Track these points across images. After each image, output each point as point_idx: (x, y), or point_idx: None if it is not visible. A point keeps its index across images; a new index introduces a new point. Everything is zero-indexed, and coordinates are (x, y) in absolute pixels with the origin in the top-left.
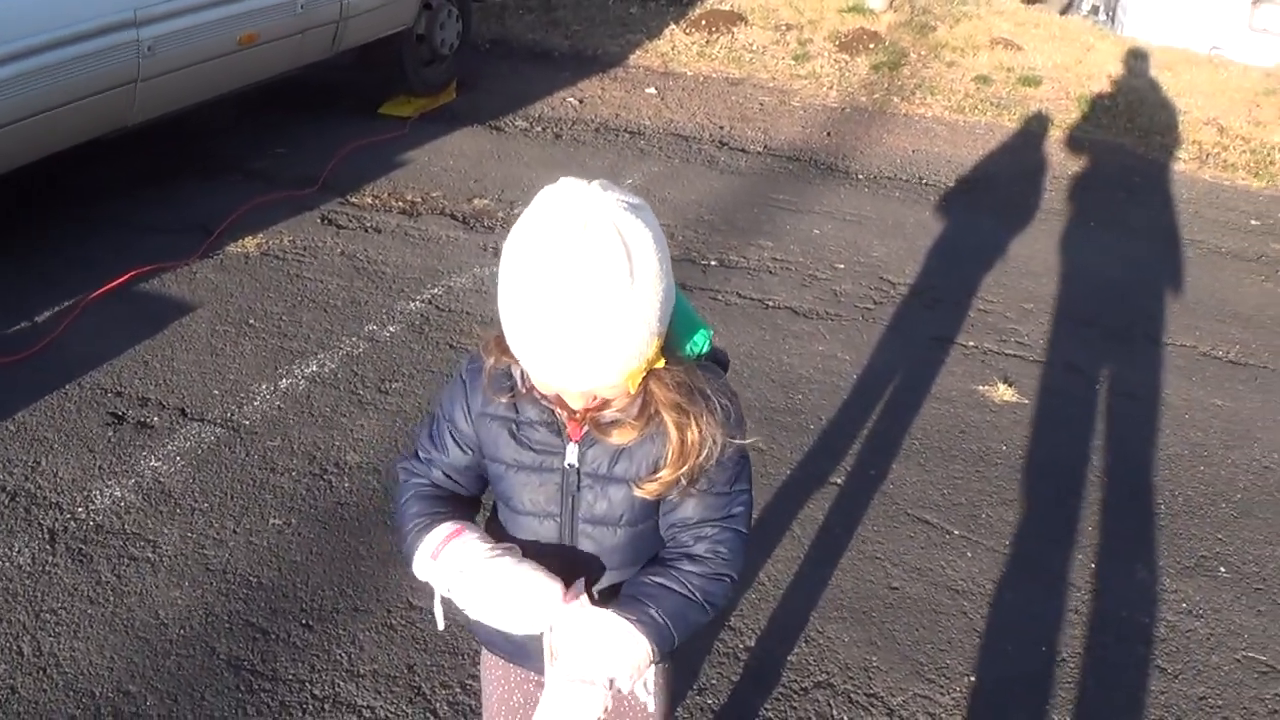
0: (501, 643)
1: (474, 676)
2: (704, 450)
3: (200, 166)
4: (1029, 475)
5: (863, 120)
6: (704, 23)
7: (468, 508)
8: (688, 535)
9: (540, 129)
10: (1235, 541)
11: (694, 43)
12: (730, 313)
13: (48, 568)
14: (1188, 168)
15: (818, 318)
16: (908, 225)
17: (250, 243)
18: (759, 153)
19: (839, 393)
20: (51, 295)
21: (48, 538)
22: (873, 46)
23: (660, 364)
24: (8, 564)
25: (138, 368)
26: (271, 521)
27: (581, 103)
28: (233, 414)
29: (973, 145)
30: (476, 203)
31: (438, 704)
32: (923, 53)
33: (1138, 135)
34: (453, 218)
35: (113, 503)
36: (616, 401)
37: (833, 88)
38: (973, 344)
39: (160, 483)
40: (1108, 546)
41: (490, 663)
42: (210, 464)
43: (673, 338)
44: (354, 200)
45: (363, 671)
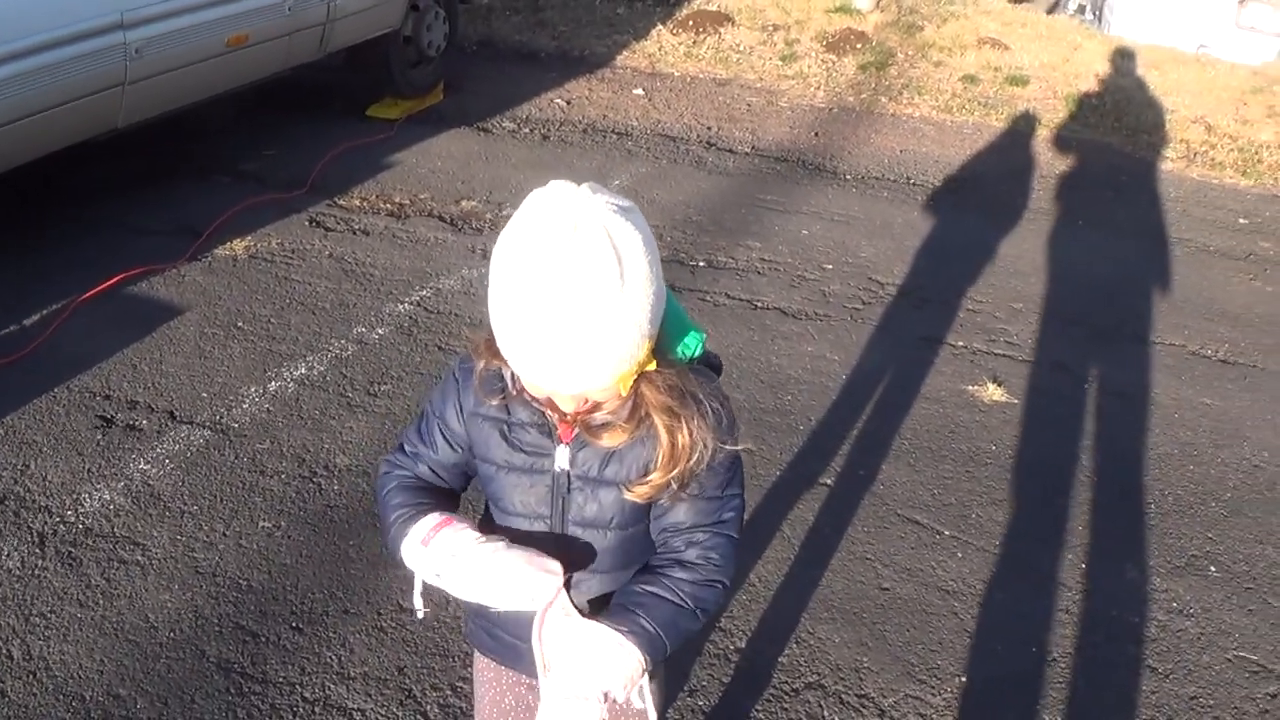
0: (494, 645)
1: (464, 679)
2: (694, 454)
3: (188, 169)
4: (1019, 475)
5: (850, 120)
6: (691, 23)
7: (450, 501)
8: (679, 540)
9: (528, 130)
10: (1225, 540)
11: (681, 43)
12: (719, 314)
13: (37, 571)
14: (1175, 166)
15: (806, 318)
16: (896, 225)
17: (238, 245)
18: (747, 153)
19: (828, 393)
20: (40, 298)
21: (37, 541)
22: (860, 47)
23: (651, 367)
24: None
25: (126, 371)
26: (261, 524)
27: (569, 104)
28: (221, 417)
29: (960, 145)
30: (464, 204)
31: (428, 706)
32: (910, 53)
33: (1125, 134)
34: (441, 219)
35: (102, 506)
36: (607, 404)
37: (820, 88)
38: (961, 344)
39: (149, 486)
40: (1098, 546)
41: (482, 665)
42: (199, 467)
43: (664, 340)
44: (342, 202)
45: (353, 674)
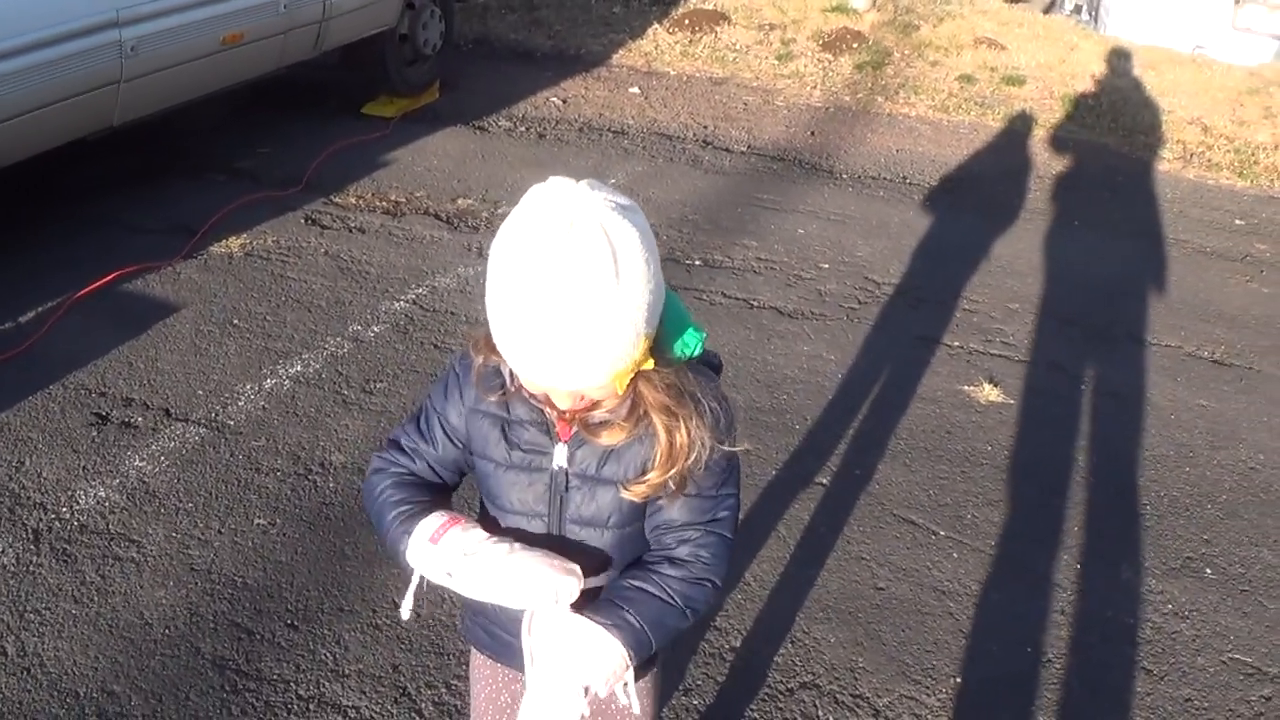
0: (490, 643)
1: (459, 677)
2: (692, 453)
3: (184, 167)
4: (1014, 475)
5: (847, 120)
6: (687, 22)
7: (446, 498)
8: (671, 538)
9: (524, 129)
10: (1221, 543)
11: (677, 42)
12: (715, 312)
13: (32, 568)
14: (1172, 167)
15: (802, 317)
16: (892, 225)
17: (234, 243)
18: (743, 152)
19: (824, 393)
20: (36, 295)
21: (32, 538)
22: (856, 46)
23: (649, 366)
24: None
25: (122, 368)
26: (256, 521)
27: (565, 102)
28: (217, 414)
29: (957, 145)
30: (460, 203)
31: (423, 704)
32: (906, 52)
33: (1121, 135)
34: (436, 218)
35: (97, 503)
36: (606, 403)
37: (816, 87)
38: (958, 344)
39: (145, 483)
40: (1093, 547)
41: (478, 662)
42: (195, 464)
43: (663, 339)
44: (338, 200)
45: (348, 671)
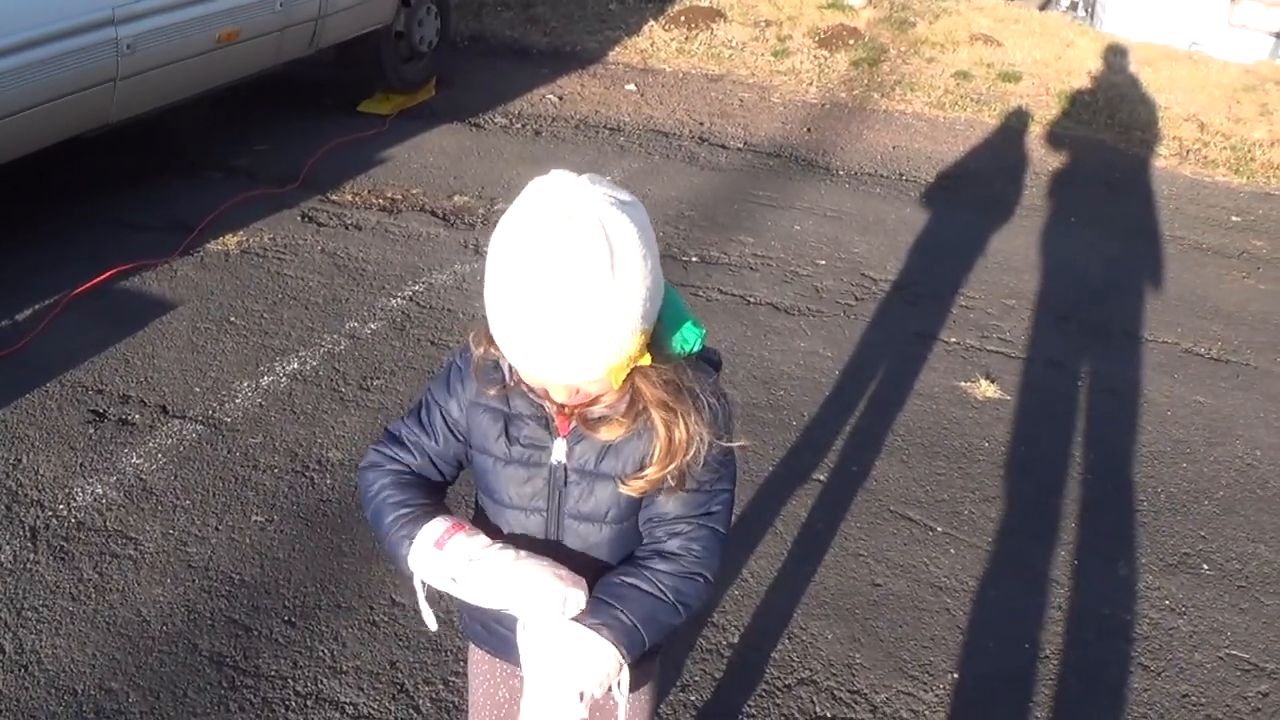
0: (487, 638)
1: (457, 673)
2: (691, 449)
3: (180, 165)
4: (1011, 471)
5: (843, 116)
6: (683, 19)
7: (442, 496)
8: (662, 531)
9: (520, 126)
10: (1218, 539)
11: (673, 39)
12: (711, 309)
13: (29, 565)
14: (1168, 164)
15: (799, 314)
16: (889, 221)
17: (231, 240)
18: (739, 149)
19: (821, 389)
20: (32, 293)
21: (29, 535)
22: (852, 43)
23: (646, 361)
24: None
25: (119, 365)
26: (253, 519)
27: (561, 99)
28: (214, 411)
29: (953, 141)
30: (457, 200)
31: (420, 700)
32: (902, 49)
33: (1118, 131)
34: (433, 215)
35: (94, 500)
36: (604, 398)
37: (812, 84)
38: (954, 340)
39: (142, 480)
40: (1090, 543)
41: (476, 658)
42: (192, 461)
43: (662, 335)
44: (334, 198)
45: (345, 668)
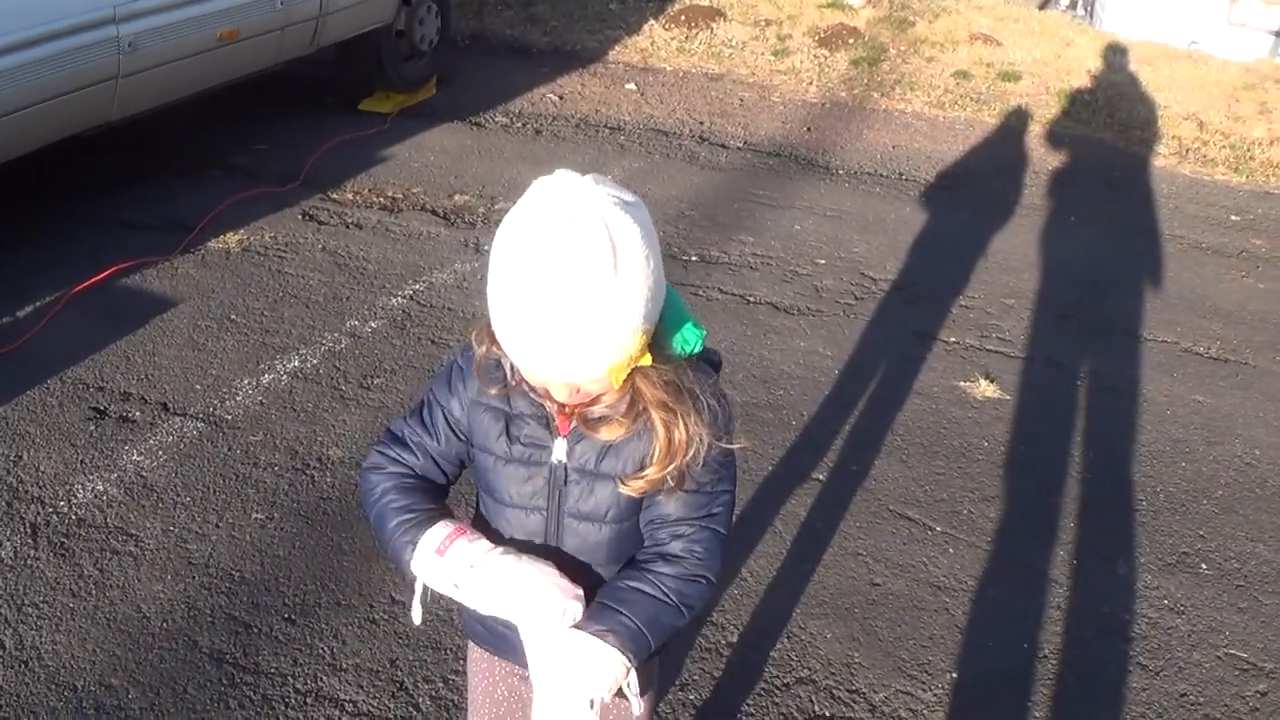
0: (487, 636)
1: (456, 671)
2: (691, 450)
3: (181, 163)
4: (1010, 471)
5: (843, 116)
6: (683, 18)
7: (442, 497)
8: (664, 533)
9: (520, 125)
10: (1217, 538)
11: (673, 38)
12: (711, 308)
13: (30, 561)
14: (1167, 163)
15: (799, 313)
16: (888, 221)
17: (231, 239)
18: (739, 148)
19: (820, 388)
20: (33, 290)
21: (29, 531)
22: (852, 42)
23: (646, 361)
24: None
25: (119, 363)
26: (254, 516)
27: (561, 98)
28: (215, 409)
29: (953, 140)
30: (457, 198)
31: (420, 698)
32: (902, 48)
33: (1117, 130)
34: (434, 213)
35: (95, 497)
36: (605, 398)
37: (812, 83)
38: (954, 339)
39: (142, 477)
40: (1089, 543)
41: (476, 655)
42: (192, 458)
43: (663, 336)
44: (335, 196)
45: (345, 665)
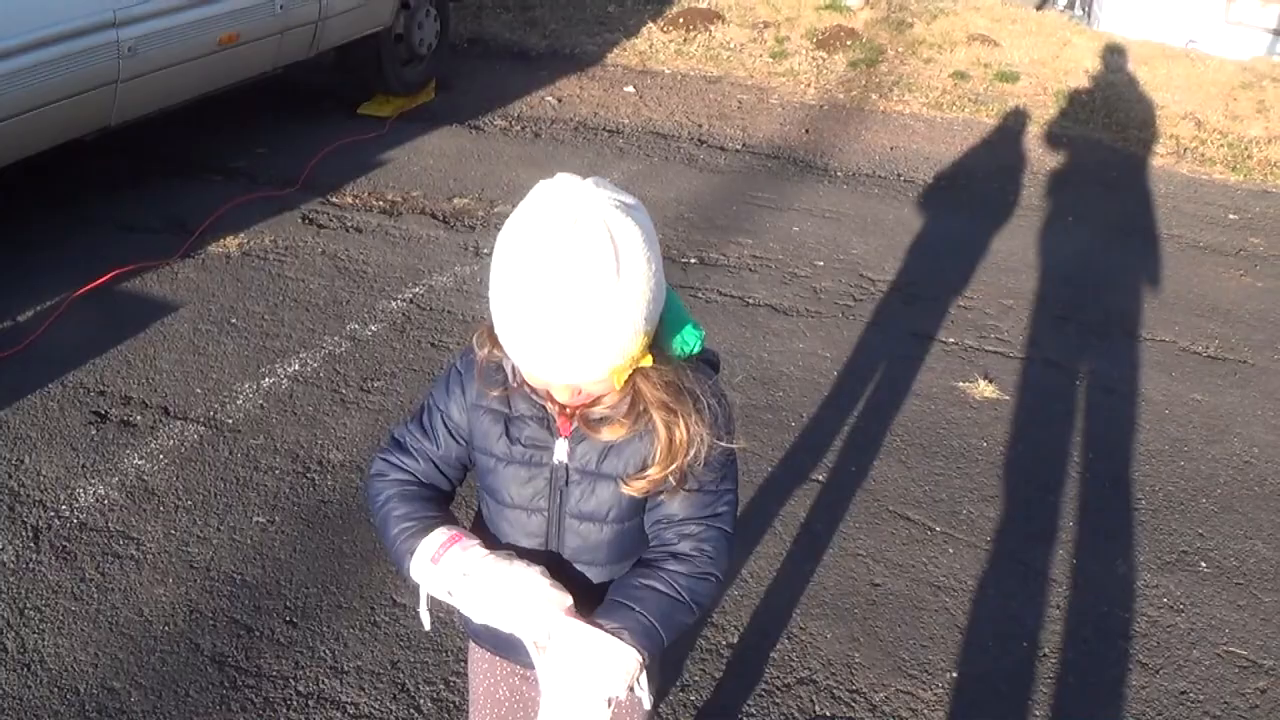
0: (488, 635)
1: (458, 673)
2: (691, 449)
3: (181, 166)
4: (1009, 471)
5: (841, 117)
6: (681, 21)
7: (448, 504)
8: (672, 533)
9: (519, 128)
10: (1216, 536)
11: (672, 41)
12: (710, 310)
13: (32, 565)
14: (1165, 162)
15: (798, 315)
16: (887, 222)
17: (231, 242)
18: (738, 150)
19: (819, 389)
20: (33, 294)
21: (31, 535)
22: (850, 44)
23: (647, 362)
24: None
25: (120, 366)
26: (255, 519)
27: (560, 101)
28: (215, 412)
29: (951, 141)
30: (456, 202)
31: (421, 700)
32: (900, 49)
33: (1115, 130)
34: (433, 217)
35: (96, 500)
36: (606, 399)
37: (810, 85)
38: (953, 340)
39: (144, 480)
40: (1088, 542)
41: (477, 656)
42: (193, 462)
43: (663, 337)
44: (334, 200)
45: (346, 668)
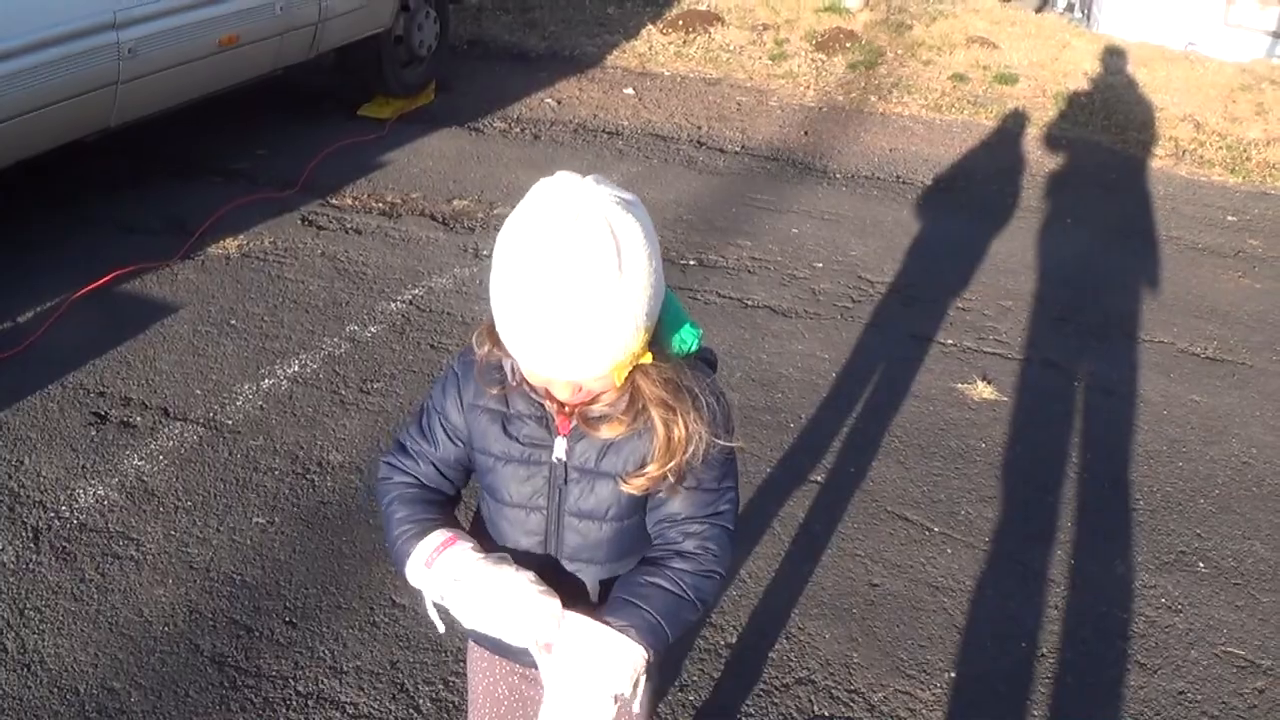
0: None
1: (457, 673)
2: (690, 447)
3: (181, 168)
4: (1008, 472)
5: (840, 119)
6: (681, 23)
7: (451, 508)
8: (675, 532)
9: (519, 130)
10: (1214, 537)
11: (671, 43)
12: (709, 312)
13: (32, 565)
14: (1164, 164)
15: (797, 316)
16: (886, 224)
17: (231, 244)
18: (737, 152)
19: (818, 391)
20: (33, 295)
21: (31, 536)
22: (849, 46)
23: (647, 359)
24: None
25: (120, 368)
26: (254, 520)
27: (559, 103)
28: (215, 414)
29: (950, 144)
30: (456, 203)
31: (420, 700)
32: (899, 52)
33: (1114, 132)
34: (432, 219)
35: (96, 501)
36: (605, 396)
37: (810, 87)
38: (951, 342)
39: (143, 481)
40: (1086, 543)
41: (476, 655)
42: (193, 463)
43: (662, 335)
44: (334, 201)
45: (346, 668)
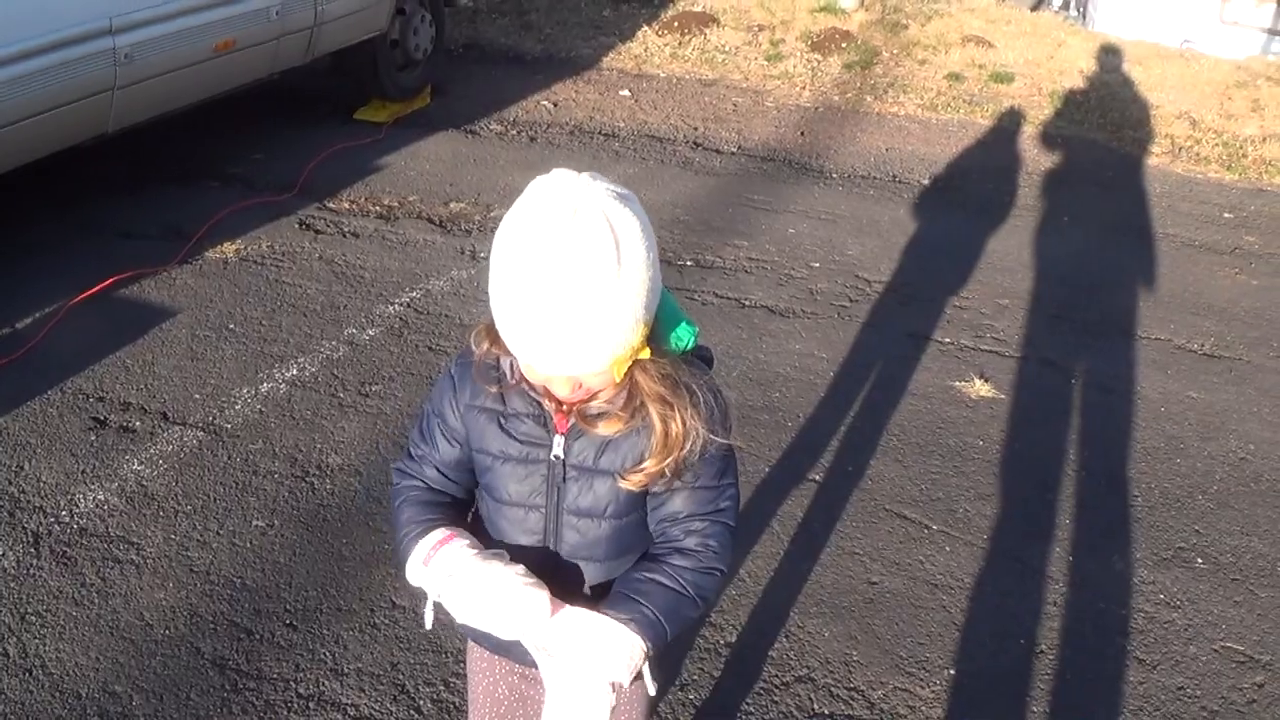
0: (487, 635)
1: (457, 675)
2: (687, 443)
3: (178, 173)
4: (1006, 469)
5: (836, 119)
6: (676, 24)
7: (461, 510)
8: (677, 530)
9: (515, 132)
10: (1212, 533)
11: (667, 44)
12: (707, 312)
13: (32, 570)
14: (1160, 162)
15: (794, 316)
16: (882, 223)
17: (229, 248)
18: (733, 153)
19: (816, 390)
20: (32, 301)
21: (32, 541)
22: (845, 46)
23: (645, 355)
24: None
25: (119, 372)
26: (254, 523)
27: (556, 106)
28: (214, 418)
29: (946, 143)
30: (453, 206)
31: (421, 702)
32: (895, 51)
33: (1110, 130)
34: (430, 221)
35: (96, 506)
36: (603, 393)
37: (806, 87)
38: (949, 340)
39: (143, 486)
40: (1085, 539)
41: (476, 655)
42: (192, 467)
43: (659, 332)
44: (331, 205)
45: (347, 670)
